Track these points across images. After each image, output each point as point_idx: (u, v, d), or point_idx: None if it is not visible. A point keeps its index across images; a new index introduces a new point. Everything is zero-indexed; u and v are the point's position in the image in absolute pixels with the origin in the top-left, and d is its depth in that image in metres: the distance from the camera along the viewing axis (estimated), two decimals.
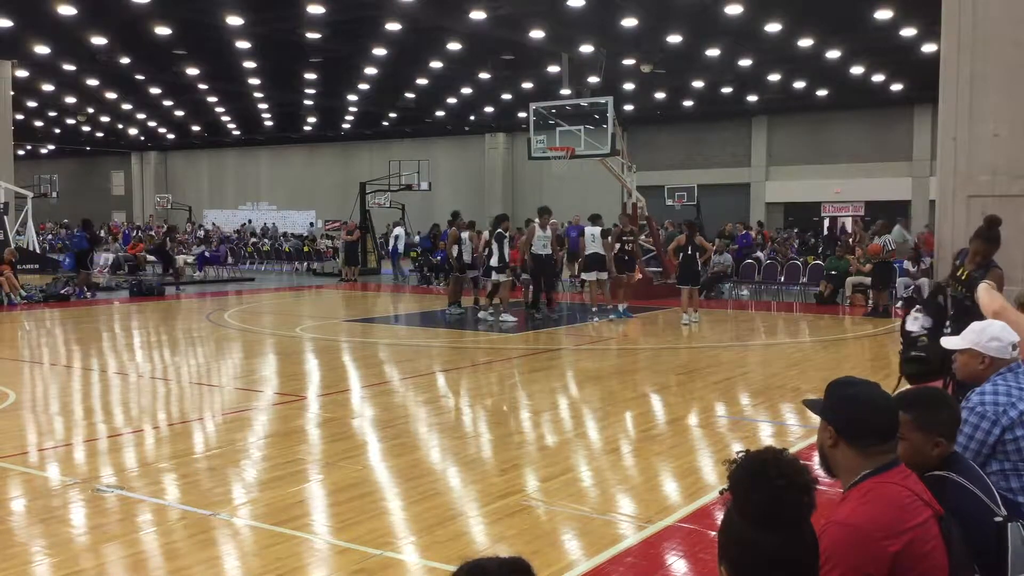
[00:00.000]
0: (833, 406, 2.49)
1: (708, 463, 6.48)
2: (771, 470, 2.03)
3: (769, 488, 2.01)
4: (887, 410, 2.46)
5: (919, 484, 2.46)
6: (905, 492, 2.37)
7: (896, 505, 2.33)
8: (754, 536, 2.02)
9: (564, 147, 19.42)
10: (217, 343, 13.10)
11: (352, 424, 7.76)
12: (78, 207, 51.99)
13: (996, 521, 2.61)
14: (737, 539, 2.05)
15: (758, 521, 2.02)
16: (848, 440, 2.42)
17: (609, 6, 20.79)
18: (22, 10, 21.00)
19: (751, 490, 2.03)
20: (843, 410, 2.45)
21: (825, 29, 22.45)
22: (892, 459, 2.43)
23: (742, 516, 2.05)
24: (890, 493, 2.35)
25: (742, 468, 2.08)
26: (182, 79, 29.95)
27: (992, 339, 3.79)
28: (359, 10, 21.41)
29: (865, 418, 2.41)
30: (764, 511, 2.02)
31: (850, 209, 35.27)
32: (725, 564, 2.08)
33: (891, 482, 2.38)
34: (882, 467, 2.40)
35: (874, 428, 2.41)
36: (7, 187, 27.23)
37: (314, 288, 23.98)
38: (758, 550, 2.02)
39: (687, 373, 10.50)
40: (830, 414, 2.48)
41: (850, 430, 2.42)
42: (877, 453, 2.41)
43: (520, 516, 5.19)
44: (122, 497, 5.53)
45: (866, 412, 2.42)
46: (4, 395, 8.76)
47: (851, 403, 2.45)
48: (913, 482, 2.44)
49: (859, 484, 2.40)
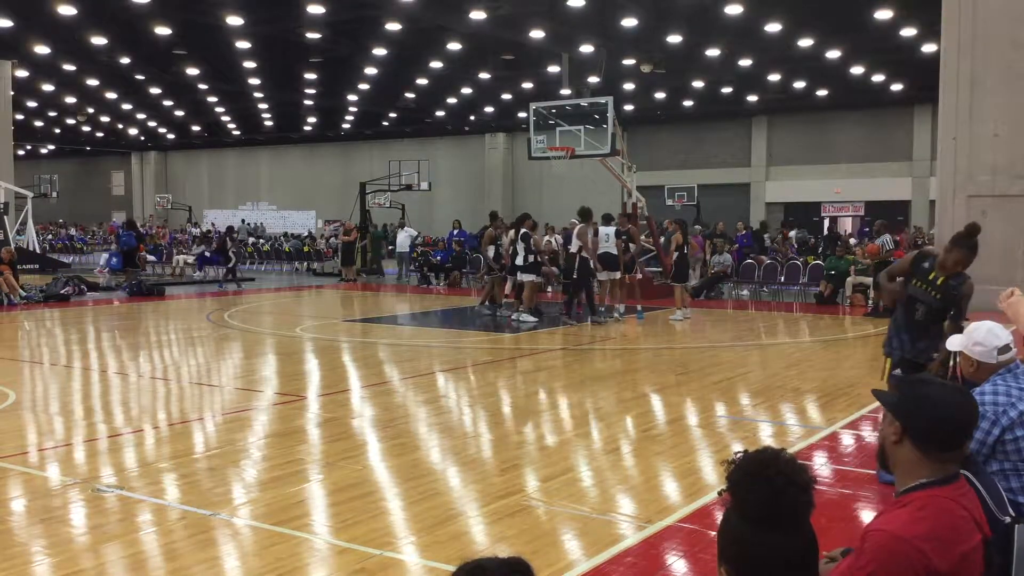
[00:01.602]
0: (906, 402, 2.42)
1: (708, 463, 6.48)
2: (770, 469, 2.03)
3: (768, 487, 2.01)
4: (960, 419, 2.38)
5: (975, 501, 2.40)
6: (961, 511, 2.30)
7: (951, 526, 2.26)
8: (754, 536, 2.02)
9: (564, 147, 19.41)
10: (217, 343, 13.10)
11: (352, 424, 7.76)
12: (78, 207, 52.05)
13: (1006, 523, 2.60)
14: (737, 539, 2.05)
15: (757, 521, 2.02)
16: (913, 441, 2.35)
17: (609, 6, 20.81)
18: (22, 10, 21.02)
19: (750, 490, 2.03)
20: (916, 408, 2.38)
21: (825, 29, 22.47)
22: (954, 471, 2.36)
23: (741, 516, 2.05)
24: (948, 509, 2.28)
25: (741, 468, 2.08)
26: (182, 79, 29.97)
27: (976, 344, 3.80)
28: (359, 10, 21.43)
29: (936, 422, 2.35)
30: (763, 511, 2.02)
31: (850, 209, 35.30)
32: (725, 565, 2.08)
33: (950, 497, 2.31)
34: (943, 479, 2.33)
35: (943, 435, 2.35)
36: (7, 187, 27.27)
37: (314, 288, 23.99)
38: (758, 550, 2.02)
39: (687, 373, 10.50)
40: (901, 409, 2.41)
41: (918, 431, 2.35)
42: (940, 461, 2.34)
43: (520, 516, 5.19)
44: (122, 497, 5.53)
45: (938, 416, 2.35)
46: (4, 395, 8.76)
47: (925, 403, 2.38)
48: (969, 500, 2.37)
49: (916, 492, 2.33)
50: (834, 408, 8.26)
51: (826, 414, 8.12)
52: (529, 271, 15.21)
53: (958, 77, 16.93)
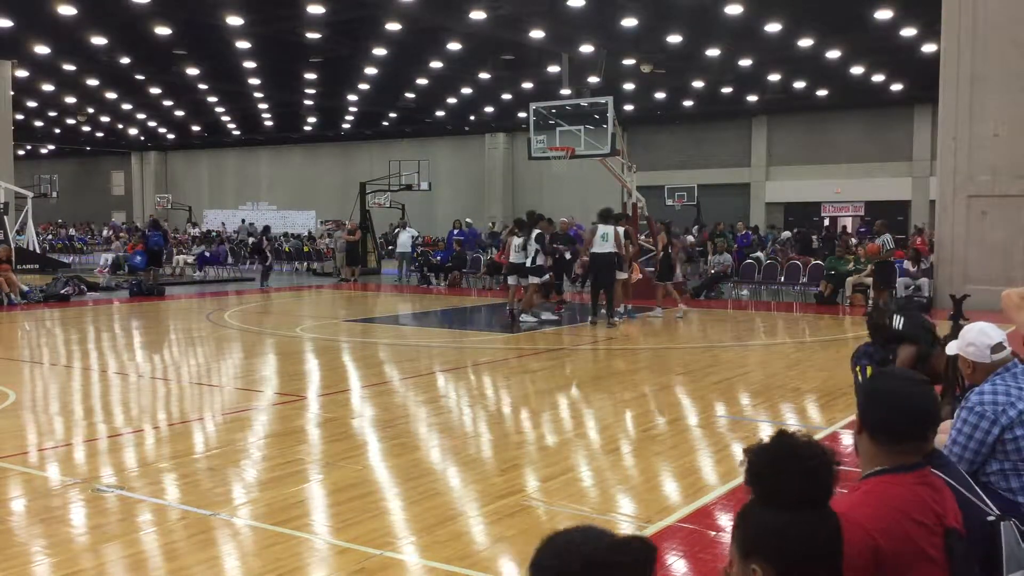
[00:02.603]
0: (864, 394, 2.54)
1: (708, 463, 6.48)
2: (800, 453, 2.01)
3: (802, 470, 1.99)
4: (912, 412, 2.43)
5: (939, 493, 2.41)
6: (912, 496, 2.34)
7: (895, 507, 2.31)
8: (793, 524, 1.99)
9: (564, 147, 19.41)
10: (217, 343, 13.10)
11: (352, 424, 7.76)
12: (78, 207, 52.05)
13: (989, 520, 2.61)
14: (776, 532, 1.99)
15: (797, 506, 1.99)
16: (869, 432, 2.44)
17: (609, 6, 20.80)
18: (22, 10, 21.02)
19: (783, 479, 1.99)
20: (869, 401, 2.48)
21: (825, 29, 22.46)
22: (913, 461, 2.40)
23: (778, 507, 2.00)
24: (896, 495, 2.33)
25: (765, 459, 2.03)
26: (182, 79, 29.96)
27: (968, 344, 3.81)
28: (359, 10, 21.43)
29: (885, 414, 2.42)
30: (803, 495, 1.99)
31: (850, 209, 35.30)
32: (761, 563, 2.00)
33: (900, 484, 2.36)
34: (899, 467, 2.38)
35: (891, 426, 2.40)
36: (7, 187, 27.26)
37: (314, 288, 23.99)
38: (800, 536, 1.98)
39: (687, 373, 10.50)
40: (858, 403, 2.53)
41: (868, 422, 2.44)
42: (894, 452, 2.39)
43: (520, 516, 5.19)
44: (122, 497, 5.53)
45: (887, 408, 2.42)
46: (4, 395, 8.76)
47: (879, 396, 2.47)
48: (930, 490, 2.39)
49: (870, 479, 2.41)
50: (834, 408, 8.27)
51: (826, 414, 8.12)
52: (536, 273, 15.00)
53: (958, 77, 16.93)
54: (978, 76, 16.75)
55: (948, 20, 17.04)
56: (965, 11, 16.77)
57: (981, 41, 16.67)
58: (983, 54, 16.67)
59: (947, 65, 17.15)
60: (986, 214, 16.86)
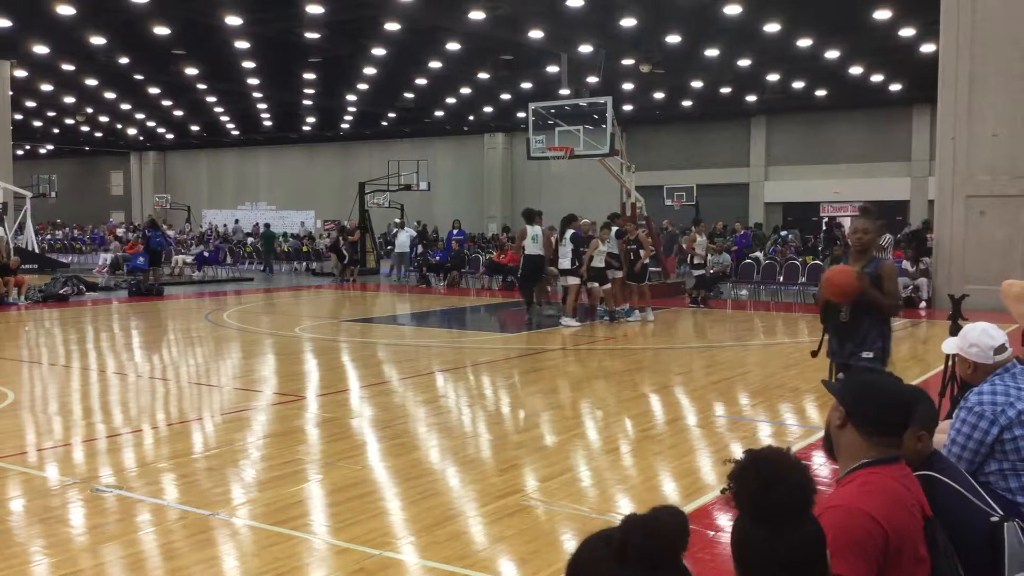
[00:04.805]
0: (849, 388, 2.60)
1: (707, 463, 6.48)
2: (787, 473, 1.97)
3: (786, 488, 1.95)
4: (900, 405, 2.52)
5: (916, 484, 2.49)
6: (902, 490, 2.39)
7: (895, 501, 2.35)
8: (773, 537, 1.95)
9: (563, 147, 19.42)
10: (216, 343, 13.10)
11: (351, 424, 7.76)
12: (77, 207, 52.02)
13: (992, 521, 2.61)
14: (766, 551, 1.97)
15: (779, 522, 1.95)
16: (855, 424, 2.48)
17: (608, 6, 20.80)
18: (22, 10, 21.00)
19: (771, 496, 1.95)
20: (858, 394, 2.53)
21: (824, 29, 22.46)
22: (893, 455, 2.47)
23: (771, 525, 1.96)
24: (888, 487, 2.38)
25: (752, 479, 1.98)
26: (181, 79, 29.95)
27: (971, 345, 3.81)
28: (359, 10, 21.42)
29: (876, 407, 2.48)
30: (794, 512, 1.96)
31: (849, 209, 35.29)
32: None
33: (889, 476, 2.41)
34: (883, 459, 2.44)
35: (882, 419, 2.47)
36: (6, 187, 27.25)
37: (313, 288, 23.98)
38: (791, 551, 1.95)
39: (686, 373, 10.50)
40: (845, 395, 2.56)
41: (858, 415, 2.48)
42: (880, 444, 2.45)
43: (520, 516, 5.19)
44: (121, 497, 5.52)
45: (878, 401, 2.49)
46: (3, 395, 8.75)
47: (867, 389, 2.53)
48: (910, 482, 2.47)
49: (858, 471, 2.44)
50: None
51: (824, 414, 8.11)
52: (574, 274, 14.88)
53: (957, 77, 16.93)
54: (977, 76, 16.75)
55: (947, 20, 17.04)
56: (964, 11, 16.77)
57: (980, 41, 16.67)
58: (982, 54, 16.67)
59: (946, 65, 17.15)
60: (984, 214, 16.87)
